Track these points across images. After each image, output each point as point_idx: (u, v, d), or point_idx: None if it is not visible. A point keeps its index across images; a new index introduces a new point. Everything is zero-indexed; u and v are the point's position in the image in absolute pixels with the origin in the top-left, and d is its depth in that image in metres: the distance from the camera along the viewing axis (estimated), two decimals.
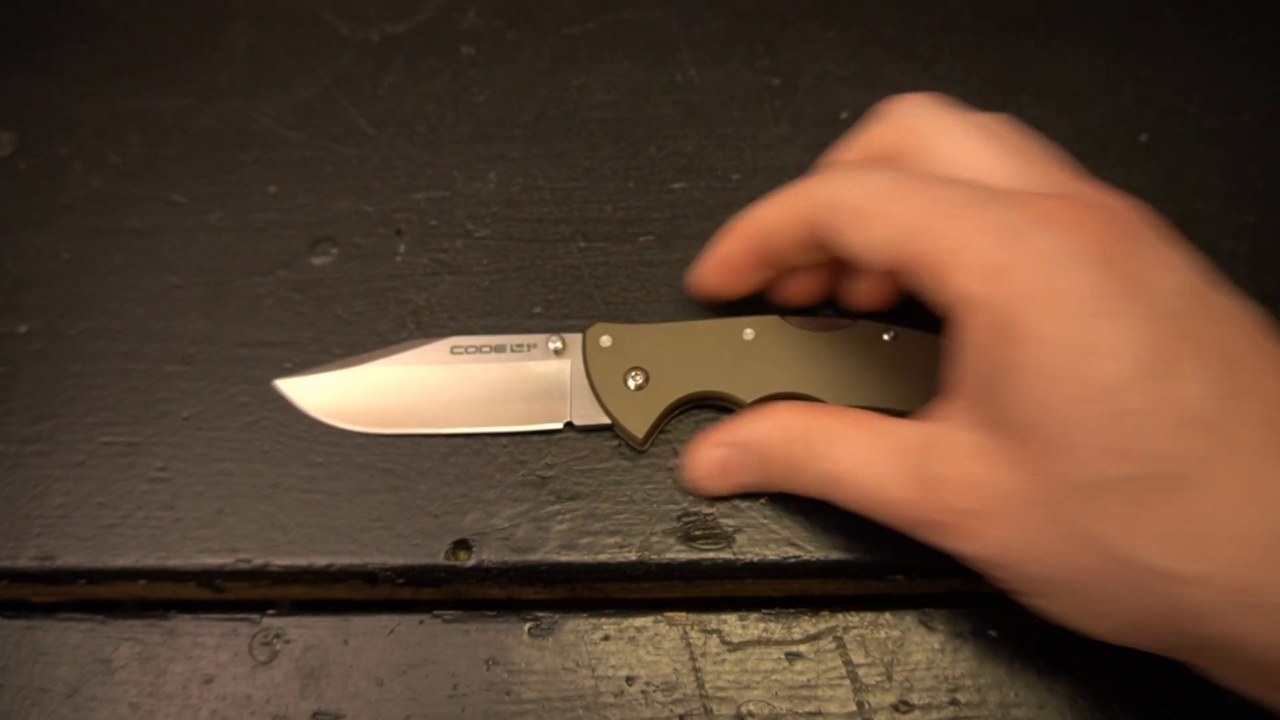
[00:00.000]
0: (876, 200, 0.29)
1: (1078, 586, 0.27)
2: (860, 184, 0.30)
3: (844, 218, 0.30)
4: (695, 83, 0.44)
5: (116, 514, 0.35)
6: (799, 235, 0.32)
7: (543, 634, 0.34)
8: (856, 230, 0.29)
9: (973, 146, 0.31)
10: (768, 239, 0.33)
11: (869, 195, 0.29)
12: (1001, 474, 0.26)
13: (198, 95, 0.44)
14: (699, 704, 0.33)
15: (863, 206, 0.29)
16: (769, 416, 0.32)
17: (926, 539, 0.29)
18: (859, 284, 0.35)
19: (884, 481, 0.29)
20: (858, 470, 0.29)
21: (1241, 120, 0.42)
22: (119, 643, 0.34)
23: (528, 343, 0.36)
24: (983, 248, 0.27)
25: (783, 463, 0.32)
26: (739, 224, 0.34)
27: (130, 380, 0.37)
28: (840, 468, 0.30)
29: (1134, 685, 0.32)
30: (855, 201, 0.30)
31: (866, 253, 0.29)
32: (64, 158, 0.42)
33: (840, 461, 0.30)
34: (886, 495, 0.29)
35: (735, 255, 0.35)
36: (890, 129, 0.33)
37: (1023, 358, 0.26)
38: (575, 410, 0.35)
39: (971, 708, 0.32)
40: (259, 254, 0.40)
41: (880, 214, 0.29)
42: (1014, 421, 0.26)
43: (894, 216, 0.28)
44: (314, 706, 0.33)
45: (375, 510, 0.34)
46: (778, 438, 0.32)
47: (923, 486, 0.28)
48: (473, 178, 0.41)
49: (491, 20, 0.46)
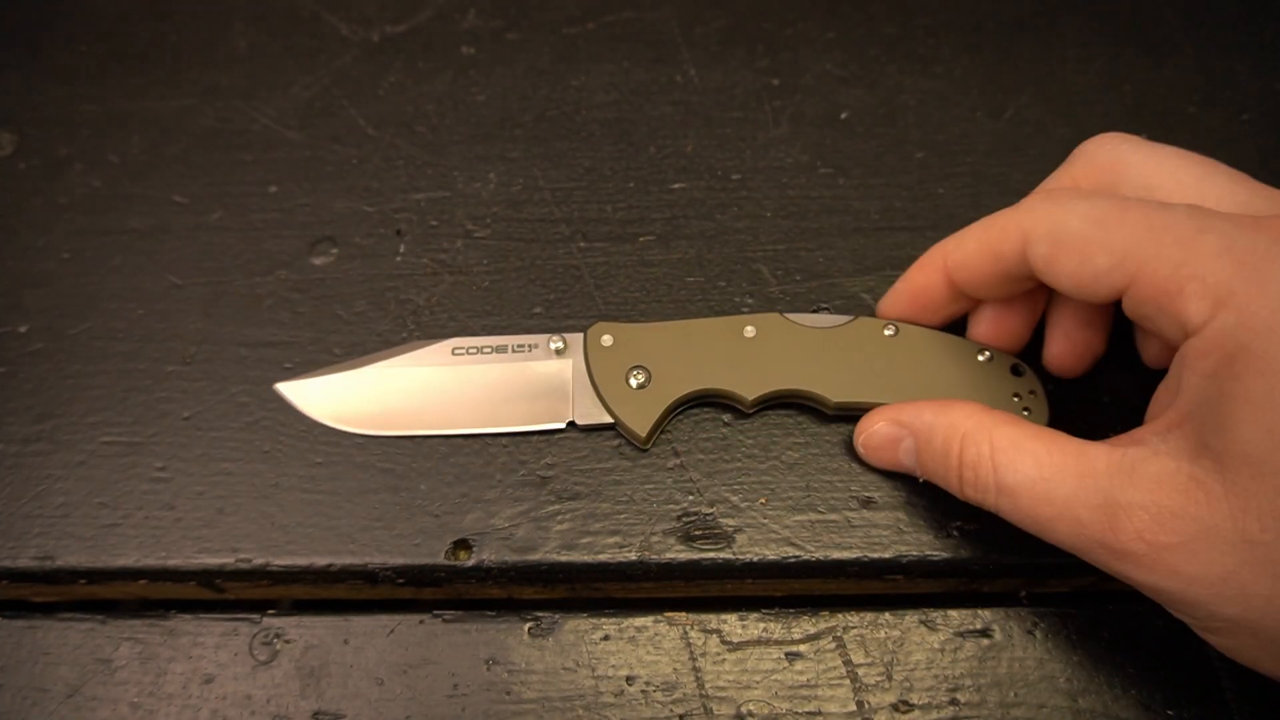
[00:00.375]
0: (1094, 227, 0.28)
1: (1272, 630, 0.25)
2: (1075, 211, 0.29)
3: (1059, 247, 0.29)
4: (695, 83, 0.44)
5: (117, 514, 0.35)
6: (1002, 267, 0.31)
7: (543, 634, 0.34)
8: (1075, 260, 0.28)
9: (1184, 173, 0.30)
10: (967, 270, 0.32)
11: (1086, 222, 0.28)
12: (1207, 507, 0.25)
13: (198, 95, 0.44)
14: (699, 704, 0.33)
15: (1080, 234, 0.28)
16: (951, 410, 0.31)
17: (1106, 565, 0.27)
18: (1069, 333, 0.34)
19: (1068, 500, 0.27)
20: (1038, 484, 0.28)
21: (1241, 120, 0.42)
22: (119, 642, 0.34)
23: (529, 343, 0.36)
24: (1210, 271, 0.25)
25: (942, 458, 0.31)
26: (933, 254, 0.33)
27: (130, 380, 0.37)
28: (1018, 478, 0.28)
29: (1134, 685, 0.32)
30: (1072, 229, 0.28)
31: (1087, 282, 0.28)
32: (64, 158, 0.42)
33: (1020, 471, 0.28)
34: (1069, 515, 0.27)
35: (931, 287, 0.34)
36: (1093, 165, 0.32)
37: (1251, 388, 0.24)
38: (577, 410, 0.35)
39: (971, 708, 0.32)
40: (259, 254, 0.40)
41: (1099, 241, 0.28)
42: (1232, 453, 0.25)
43: (1114, 243, 0.27)
44: (314, 706, 0.33)
45: (375, 510, 0.34)
46: (948, 433, 0.30)
47: (1112, 512, 0.26)
48: (473, 178, 0.41)
49: (491, 20, 0.46)
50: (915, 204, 0.40)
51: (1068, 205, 0.29)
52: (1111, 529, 0.26)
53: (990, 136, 0.42)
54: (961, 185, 0.41)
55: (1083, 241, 0.28)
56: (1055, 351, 0.34)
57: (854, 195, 0.41)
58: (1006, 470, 0.29)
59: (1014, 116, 0.43)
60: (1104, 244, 0.28)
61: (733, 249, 0.39)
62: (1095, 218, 0.28)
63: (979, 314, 0.35)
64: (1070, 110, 0.43)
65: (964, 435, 0.30)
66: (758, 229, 0.40)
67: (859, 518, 0.34)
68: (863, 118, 0.43)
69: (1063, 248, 0.29)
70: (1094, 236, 0.28)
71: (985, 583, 0.34)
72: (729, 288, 0.38)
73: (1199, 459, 0.26)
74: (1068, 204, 0.29)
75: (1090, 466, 0.27)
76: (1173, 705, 0.32)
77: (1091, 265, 0.28)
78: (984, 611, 0.34)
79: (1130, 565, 0.27)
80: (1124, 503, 0.26)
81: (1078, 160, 0.33)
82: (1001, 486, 0.29)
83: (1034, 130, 0.42)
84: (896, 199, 0.40)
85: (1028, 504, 0.28)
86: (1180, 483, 0.26)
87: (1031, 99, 0.43)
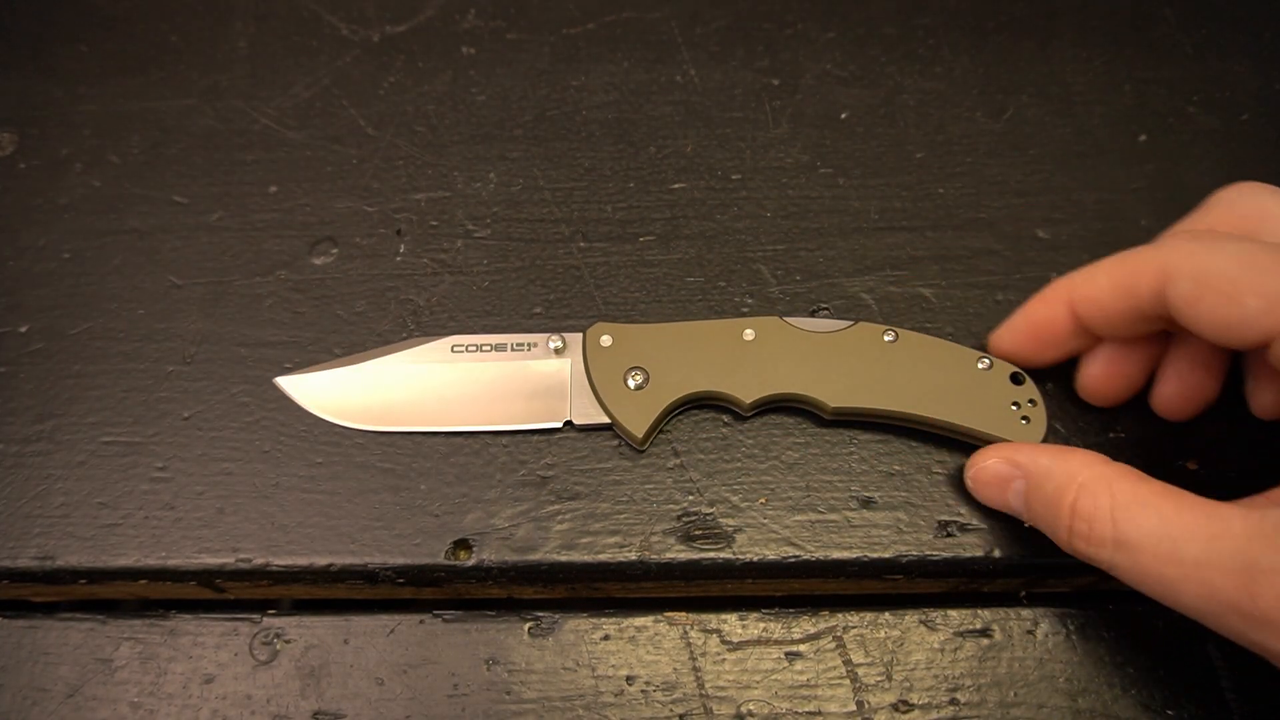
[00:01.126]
0: (1246, 269, 0.27)
1: None
2: (1224, 251, 0.28)
3: (1204, 288, 0.28)
4: (695, 83, 0.44)
5: (117, 514, 0.35)
6: (1134, 304, 0.30)
7: (543, 634, 0.34)
8: (1222, 301, 0.27)
9: None
10: (1097, 305, 0.31)
11: (1236, 263, 0.27)
12: None
13: (198, 95, 0.44)
14: (699, 703, 0.33)
15: (1229, 275, 0.27)
16: (1070, 457, 0.30)
17: (1239, 631, 0.26)
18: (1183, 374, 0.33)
19: (1198, 562, 0.26)
20: (1164, 543, 0.27)
21: (1241, 120, 0.42)
22: (119, 642, 0.34)
23: (528, 342, 0.36)
24: None
25: (1054, 506, 0.30)
26: (1058, 287, 0.33)
27: (130, 380, 0.37)
28: (1141, 534, 0.27)
29: (1134, 685, 0.32)
30: (1220, 270, 0.27)
31: (1234, 324, 0.27)
32: (64, 158, 0.42)
33: (1144, 528, 0.27)
34: (1199, 577, 0.26)
35: (1054, 321, 0.33)
36: (1233, 213, 0.31)
37: None
38: (575, 409, 0.35)
39: (971, 707, 0.32)
40: (259, 254, 0.40)
41: (1250, 283, 0.27)
42: None
43: (1268, 287, 0.26)
44: (314, 706, 0.33)
45: (375, 510, 0.34)
46: (1064, 481, 0.29)
47: (1251, 576, 0.25)
48: (473, 178, 0.41)
49: (491, 20, 0.46)
50: (915, 204, 0.40)
51: (1215, 245, 0.28)
52: (1250, 594, 0.25)
53: (990, 136, 0.42)
54: (961, 185, 0.41)
55: (1231, 283, 0.27)
56: (1167, 393, 0.33)
57: (854, 195, 0.41)
58: (1128, 525, 0.28)
59: (1014, 116, 0.43)
60: (1256, 287, 0.27)
61: (733, 249, 0.39)
62: (1246, 259, 0.27)
63: (1093, 356, 0.34)
64: (1070, 110, 0.43)
65: (1080, 485, 0.29)
66: (758, 229, 0.40)
67: (859, 518, 0.34)
68: (863, 118, 0.43)
69: (1209, 289, 0.28)
70: (1244, 278, 0.27)
71: (985, 583, 0.34)
72: (729, 288, 0.38)
73: None
74: (1215, 244, 0.28)
75: (1224, 528, 0.26)
76: (1173, 705, 0.32)
77: (1240, 308, 0.27)
78: (984, 611, 0.34)
79: (1271, 634, 0.25)
80: (1266, 567, 0.25)
81: (1216, 207, 0.32)
82: (1121, 541, 0.28)
83: (1034, 130, 0.42)
84: (896, 199, 0.40)
85: (1151, 562, 0.27)
86: None
87: (1031, 99, 0.43)
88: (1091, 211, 0.40)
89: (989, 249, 0.39)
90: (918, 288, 0.38)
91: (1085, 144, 0.41)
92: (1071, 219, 0.40)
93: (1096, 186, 0.40)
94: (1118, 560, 0.28)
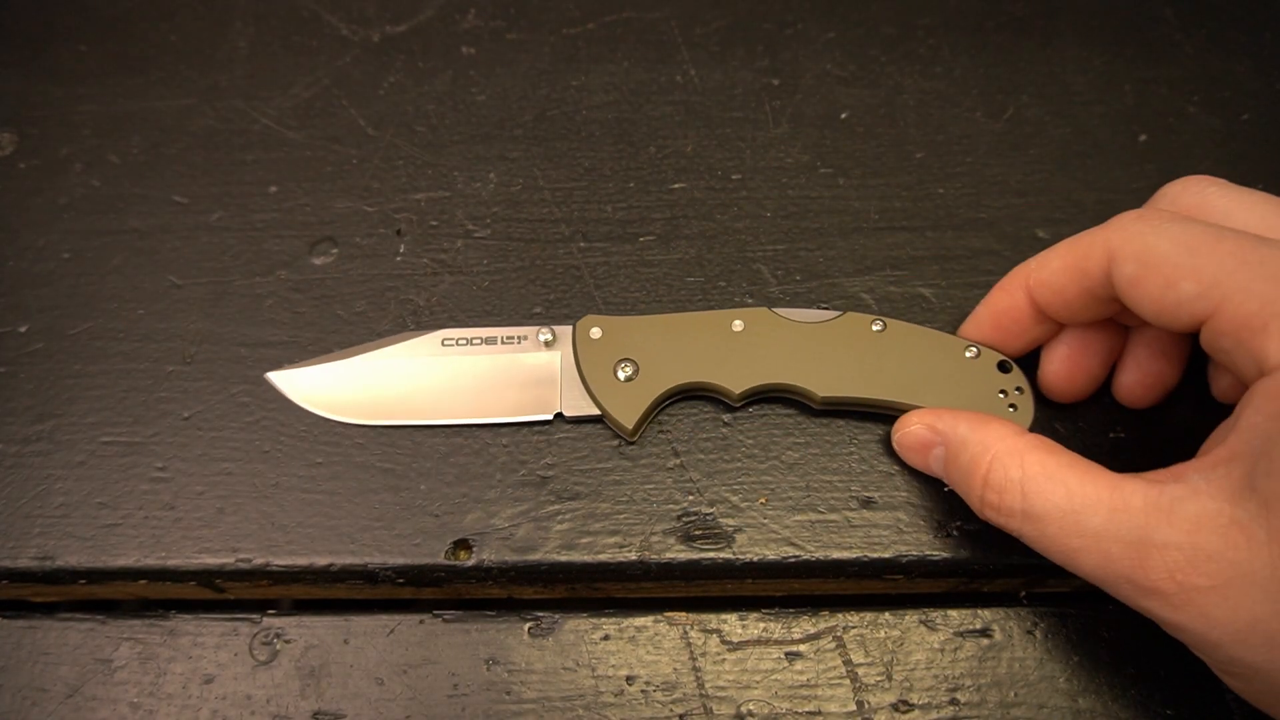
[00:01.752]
0: (1184, 252, 0.27)
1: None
2: (1166, 234, 0.28)
3: (1145, 269, 0.28)
4: (695, 83, 0.44)
5: (117, 514, 0.35)
6: (1086, 285, 0.30)
7: (543, 634, 0.34)
8: (1159, 284, 0.28)
9: (1275, 218, 0.29)
10: (1050, 289, 0.32)
11: (1176, 246, 0.27)
12: (1246, 552, 0.24)
13: (198, 95, 0.44)
14: (699, 703, 0.33)
15: (1168, 258, 0.27)
16: (986, 427, 0.31)
17: (1131, 600, 0.27)
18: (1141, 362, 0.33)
19: (1099, 534, 0.27)
20: (1069, 515, 0.27)
21: (1241, 120, 0.42)
22: (119, 643, 0.34)
23: (518, 334, 0.36)
24: None
25: (967, 474, 0.30)
26: (1016, 274, 0.33)
27: (130, 380, 0.37)
28: (1048, 506, 0.28)
29: (1134, 685, 0.32)
30: (1160, 252, 0.28)
31: (1169, 308, 0.27)
32: (64, 158, 0.42)
33: (1051, 500, 0.28)
34: (1098, 548, 0.27)
35: (1013, 308, 0.33)
36: (1176, 208, 0.31)
37: None
38: (565, 401, 0.35)
39: (971, 707, 0.32)
40: (259, 254, 0.40)
41: (1187, 267, 0.27)
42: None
43: (1202, 271, 0.27)
44: (314, 706, 0.33)
45: (375, 510, 0.34)
46: (978, 451, 0.30)
47: (1145, 549, 0.26)
48: (473, 178, 0.41)
49: (491, 20, 0.46)
50: (915, 204, 0.40)
51: (1159, 226, 0.28)
52: (1141, 566, 0.26)
53: (990, 136, 0.42)
54: (961, 185, 0.41)
55: (1170, 266, 0.27)
56: (1126, 381, 0.34)
57: (854, 195, 0.41)
58: (1036, 498, 0.28)
59: (1014, 116, 0.43)
60: (1192, 270, 0.27)
61: (733, 249, 0.39)
62: (1186, 243, 0.27)
63: (1054, 347, 0.34)
64: (1070, 110, 0.43)
65: (994, 456, 0.29)
66: (758, 229, 0.40)
67: (859, 518, 0.34)
68: (863, 118, 0.43)
69: (1149, 270, 0.28)
70: (1182, 262, 0.27)
71: (985, 583, 0.34)
72: (729, 288, 0.38)
73: (1243, 501, 0.25)
74: (1159, 225, 0.28)
75: (1125, 502, 0.27)
76: (1172, 705, 0.32)
77: (1175, 291, 0.27)
78: (984, 611, 0.34)
79: (1157, 602, 0.26)
80: (1158, 541, 0.26)
81: (1160, 202, 0.32)
82: (1029, 513, 0.28)
83: (1034, 130, 0.42)
84: (896, 199, 0.40)
85: (1056, 533, 0.28)
86: (1220, 525, 0.25)
87: (1031, 99, 0.43)
88: (1091, 211, 0.40)
89: (989, 249, 0.39)
90: (918, 288, 0.38)
91: (1085, 144, 0.41)
92: (1071, 219, 0.40)
93: (1096, 186, 0.40)
94: (1026, 530, 0.29)
